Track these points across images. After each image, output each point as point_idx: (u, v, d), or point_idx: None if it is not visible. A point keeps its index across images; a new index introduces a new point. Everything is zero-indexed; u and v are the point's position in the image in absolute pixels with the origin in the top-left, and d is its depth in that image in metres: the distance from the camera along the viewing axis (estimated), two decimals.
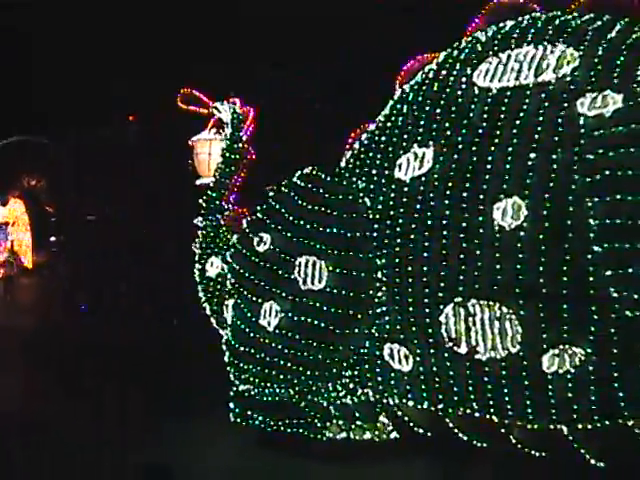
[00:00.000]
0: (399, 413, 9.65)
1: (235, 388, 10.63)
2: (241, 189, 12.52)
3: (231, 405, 10.67)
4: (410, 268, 9.12)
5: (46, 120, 36.04)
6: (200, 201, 12.33)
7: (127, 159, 35.97)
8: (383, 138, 10.14)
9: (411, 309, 9.09)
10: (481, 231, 8.59)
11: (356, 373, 9.88)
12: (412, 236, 9.14)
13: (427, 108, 9.66)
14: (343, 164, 10.65)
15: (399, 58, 10.91)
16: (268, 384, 10.09)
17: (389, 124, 10.18)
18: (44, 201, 45.31)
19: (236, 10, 28.78)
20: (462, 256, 8.71)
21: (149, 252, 30.94)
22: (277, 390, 10.07)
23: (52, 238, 43.71)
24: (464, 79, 9.50)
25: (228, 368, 10.65)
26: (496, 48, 9.40)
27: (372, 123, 10.65)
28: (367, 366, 9.77)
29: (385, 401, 9.75)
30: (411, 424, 9.58)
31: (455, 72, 9.69)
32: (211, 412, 11.52)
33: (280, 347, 9.88)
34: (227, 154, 12.12)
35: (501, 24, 9.70)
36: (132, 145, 37.61)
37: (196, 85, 13.67)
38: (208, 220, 12.09)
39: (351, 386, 9.93)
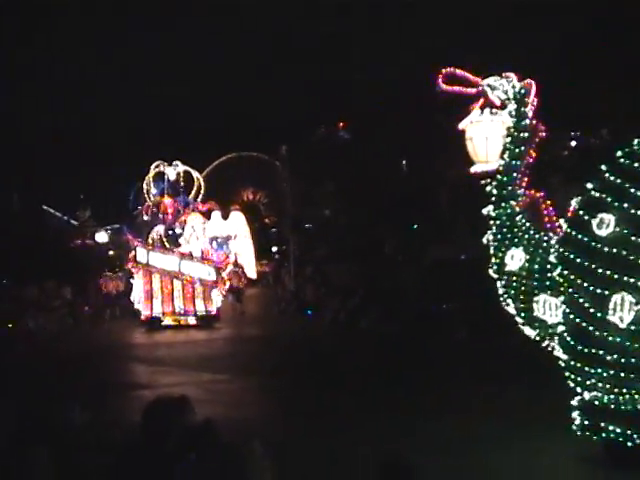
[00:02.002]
0: None
1: (579, 396, 9.01)
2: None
3: (575, 415, 9.08)
4: None
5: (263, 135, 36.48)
6: (488, 189, 10.75)
7: (343, 165, 35.84)
8: None
9: None
10: None
11: None
12: None
13: None
14: None
15: None
16: (625, 390, 8.42)
17: None
18: (264, 213, 46.17)
19: None
20: None
21: (374, 255, 30.41)
22: (638, 397, 8.38)
23: (274, 248, 44.42)
24: None
25: (567, 374, 9.13)
26: None
27: None
28: None
29: None
30: None
31: None
32: (547, 423, 10.15)
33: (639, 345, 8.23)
34: (515, 133, 10.50)
35: None
36: (346, 151, 37.43)
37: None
38: (501, 209, 10.45)
39: None
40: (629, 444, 8.46)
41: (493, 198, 10.62)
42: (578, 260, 8.87)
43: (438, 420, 11.18)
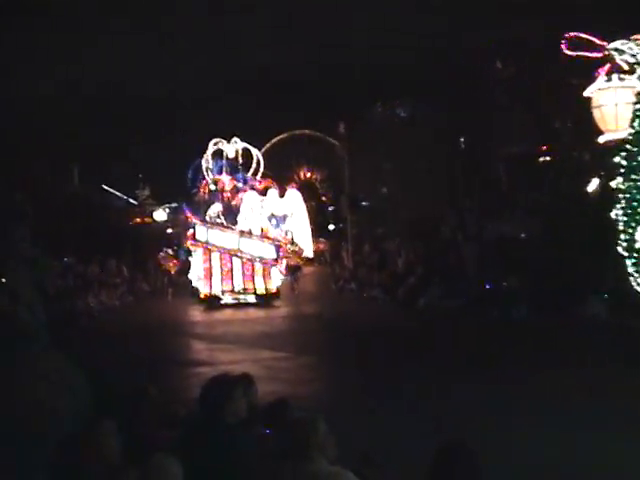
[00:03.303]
0: None
1: None
2: None
3: None
4: None
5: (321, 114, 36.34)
6: (616, 160, 9.93)
7: (401, 142, 35.60)
8: None
9: None
10: None
11: None
12: None
13: None
14: None
15: None
16: None
17: None
18: (321, 191, 46.26)
19: None
20: None
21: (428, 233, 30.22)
22: None
23: (331, 226, 44.51)
24: None
25: None
26: None
27: None
28: None
29: None
30: None
31: None
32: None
33: None
34: None
35: None
36: (404, 128, 37.14)
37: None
38: (631, 181, 9.58)
39: None
40: None
41: (622, 170, 9.74)
42: None
43: (500, 400, 11.03)
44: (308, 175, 45.42)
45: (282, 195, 31.65)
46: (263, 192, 29.57)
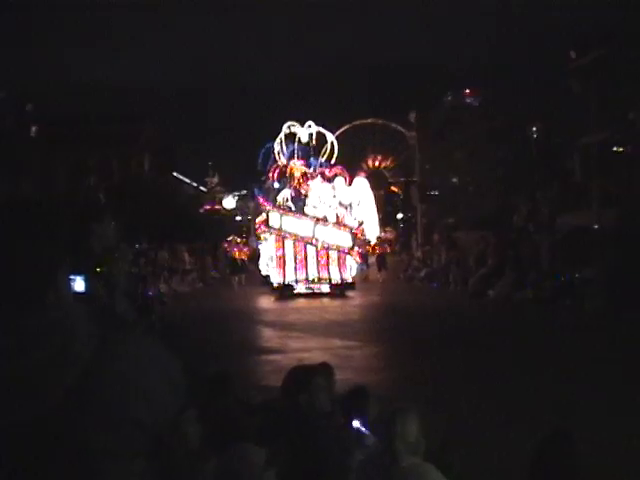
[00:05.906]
0: None
1: None
2: None
3: None
4: None
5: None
6: None
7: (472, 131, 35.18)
8: None
9: None
10: None
11: None
12: None
13: None
14: None
15: None
16: None
17: None
18: (389, 180, 45.96)
19: None
20: None
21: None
22: None
23: (399, 215, 44.34)
24: None
25: None
26: None
27: None
28: None
29: None
30: None
31: None
32: None
33: None
34: None
35: None
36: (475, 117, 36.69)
37: None
38: None
39: None
40: None
41: None
42: None
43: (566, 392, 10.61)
44: (377, 164, 44.90)
45: (350, 183, 31.02)
46: (331, 179, 28.96)
